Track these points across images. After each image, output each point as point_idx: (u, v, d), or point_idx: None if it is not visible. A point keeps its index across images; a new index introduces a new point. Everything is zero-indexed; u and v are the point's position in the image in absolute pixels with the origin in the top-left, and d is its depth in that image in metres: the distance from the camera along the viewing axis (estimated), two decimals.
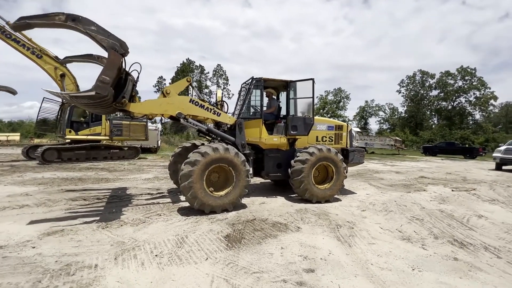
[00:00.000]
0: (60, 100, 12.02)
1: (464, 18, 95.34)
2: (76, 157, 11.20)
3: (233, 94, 55.27)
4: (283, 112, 6.49)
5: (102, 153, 12.19)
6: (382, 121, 61.46)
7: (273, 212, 4.65)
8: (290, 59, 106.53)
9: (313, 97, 5.53)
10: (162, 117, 5.27)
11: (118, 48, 3.64)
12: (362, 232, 3.83)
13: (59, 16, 3.34)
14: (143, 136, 14.68)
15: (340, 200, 5.73)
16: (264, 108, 5.99)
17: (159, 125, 20.55)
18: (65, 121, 11.39)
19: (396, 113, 58.94)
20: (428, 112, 51.72)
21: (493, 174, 11.18)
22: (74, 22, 3.41)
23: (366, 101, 61.46)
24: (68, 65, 4.80)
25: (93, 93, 3.46)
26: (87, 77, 4.98)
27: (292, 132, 5.59)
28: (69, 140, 11.79)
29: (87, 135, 11.88)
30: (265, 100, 6.28)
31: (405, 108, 53.39)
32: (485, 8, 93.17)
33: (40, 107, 12.02)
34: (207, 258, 2.87)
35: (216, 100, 6.25)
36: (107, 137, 12.49)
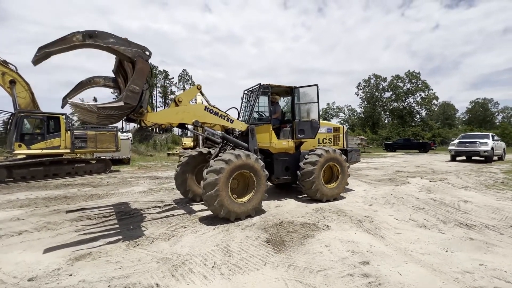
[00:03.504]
0: (9, 110, 10.55)
1: (404, 28, 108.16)
2: (31, 175, 9.71)
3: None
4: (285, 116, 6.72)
5: (64, 168, 10.67)
6: (342, 121, 66.03)
7: (294, 214, 4.81)
8: (253, 63, 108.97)
9: (318, 102, 5.85)
10: (171, 126, 5.13)
11: (143, 55, 3.50)
12: (383, 224, 4.19)
13: (76, 37, 3.11)
14: (113, 146, 13.23)
15: (345, 198, 6.12)
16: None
17: (130, 134, 19.27)
18: (13, 133, 9.94)
19: (355, 114, 63.85)
20: (383, 112, 56.93)
21: (452, 165, 12.85)
22: (92, 39, 3.19)
23: (328, 103, 65.39)
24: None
25: (121, 103, 3.27)
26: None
27: (299, 135, 5.83)
28: (24, 156, 10.34)
29: (42, 149, 10.26)
30: None
31: (363, 109, 58.05)
32: (420, 19, 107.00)
33: None
34: (265, 264, 2.91)
35: None
36: (68, 150, 10.91)
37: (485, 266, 2.77)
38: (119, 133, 17.68)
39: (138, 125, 4.78)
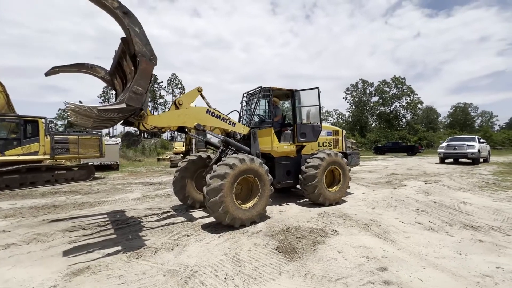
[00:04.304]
0: None
1: (388, 35, 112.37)
2: (5, 184, 8.89)
3: None
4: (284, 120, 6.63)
5: (43, 176, 9.84)
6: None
7: (299, 219, 4.70)
8: (242, 68, 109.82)
9: (319, 105, 5.81)
10: (170, 129, 4.94)
11: (147, 58, 3.32)
12: (391, 228, 4.14)
13: (113, 1, 2.93)
14: (97, 152, 12.35)
15: (347, 201, 6.08)
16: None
17: (119, 139, 18.66)
18: None
19: (343, 118, 64.98)
20: (370, 116, 58.23)
21: (442, 167, 13.17)
22: (122, 14, 3.01)
23: None
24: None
25: (123, 105, 3.08)
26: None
27: (301, 139, 5.76)
28: None
29: (19, 155, 9.47)
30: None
31: (350, 113, 59.17)
32: (403, 28, 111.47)
33: None
34: (280, 273, 2.77)
35: None
36: (47, 156, 10.13)
37: (502, 269, 2.74)
38: (107, 138, 17.00)
39: (137, 129, 4.57)
